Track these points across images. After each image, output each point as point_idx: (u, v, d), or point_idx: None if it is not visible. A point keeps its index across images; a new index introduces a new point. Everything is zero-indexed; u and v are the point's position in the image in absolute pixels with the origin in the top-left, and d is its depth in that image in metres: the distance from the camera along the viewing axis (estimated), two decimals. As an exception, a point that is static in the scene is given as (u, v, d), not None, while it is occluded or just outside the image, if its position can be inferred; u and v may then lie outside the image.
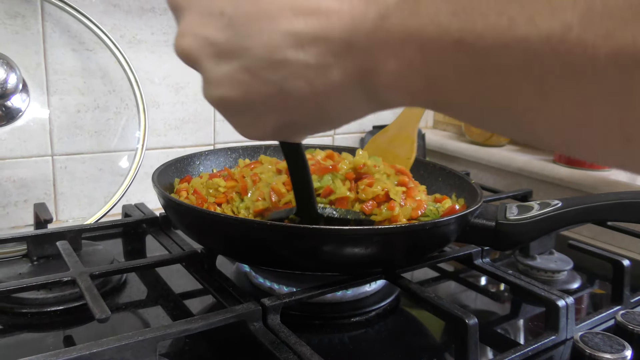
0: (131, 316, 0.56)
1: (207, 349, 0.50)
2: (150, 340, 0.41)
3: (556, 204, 0.55)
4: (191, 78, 0.92)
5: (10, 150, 0.77)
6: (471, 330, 0.45)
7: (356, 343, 0.53)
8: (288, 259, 0.50)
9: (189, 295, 0.61)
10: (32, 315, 0.54)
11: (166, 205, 0.56)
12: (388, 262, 0.54)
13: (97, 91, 0.83)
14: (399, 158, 0.70)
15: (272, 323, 0.47)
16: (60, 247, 0.58)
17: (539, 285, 0.57)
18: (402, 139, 0.71)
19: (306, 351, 0.43)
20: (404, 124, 0.72)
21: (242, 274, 0.63)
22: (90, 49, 0.81)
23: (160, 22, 0.87)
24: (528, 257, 0.69)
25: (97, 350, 0.39)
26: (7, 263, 0.61)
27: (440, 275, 0.70)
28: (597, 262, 0.68)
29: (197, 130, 0.95)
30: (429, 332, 0.57)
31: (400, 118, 0.74)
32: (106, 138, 0.85)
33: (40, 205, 0.70)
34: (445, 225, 0.51)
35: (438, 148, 1.23)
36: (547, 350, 0.52)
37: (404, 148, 0.71)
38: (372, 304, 0.59)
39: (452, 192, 0.67)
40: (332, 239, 0.47)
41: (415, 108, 0.69)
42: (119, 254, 0.71)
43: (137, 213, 0.74)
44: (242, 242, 0.50)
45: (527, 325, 0.59)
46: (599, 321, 0.57)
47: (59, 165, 0.82)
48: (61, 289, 0.56)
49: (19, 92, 0.73)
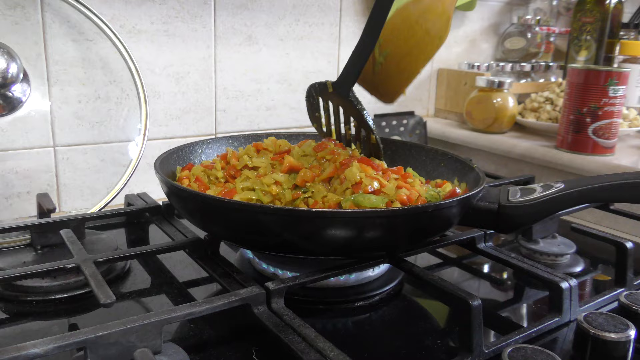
0: (135, 304, 0.56)
1: (212, 335, 0.50)
2: (155, 323, 0.41)
3: (559, 186, 0.55)
4: (192, 68, 0.92)
5: (12, 142, 0.77)
6: (475, 311, 0.45)
7: (360, 327, 0.53)
8: (291, 243, 0.50)
9: (193, 283, 0.61)
10: (37, 303, 0.55)
11: (169, 192, 0.56)
12: (391, 245, 0.54)
13: (98, 81, 0.83)
14: (429, 35, 0.60)
15: (277, 307, 0.47)
16: (64, 236, 0.58)
17: (542, 267, 0.57)
18: (436, 12, 0.60)
19: (310, 333, 0.43)
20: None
21: (246, 261, 0.63)
22: (90, 39, 0.81)
23: (160, 12, 0.87)
24: (531, 241, 0.69)
25: (103, 333, 0.39)
26: (11, 252, 0.62)
27: (443, 262, 0.70)
28: (600, 246, 0.68)
29: (198, 120, 0.95)
30: (433, 317, 0.57)
31: None
32: (107, 128, 0.85)
33: (43, 195, 0.70)
34: (447, 208, 0.51)
35: (440, 136, 1.23)
36: (551, 332, 0.52)
37: (437, 24, 0.60)
38: (376, 289, 0.59)
39: (454, 177, 0.67)
40: (334, 221, 0.47)
41: None
42: (123, 244, 0.71)
43: (140, 202, 0.75)
44: (245, 226, 0.50)
45: (530, 309, 0.59)
46: (602, 303, 0.57)
47: (61, 156, 0.82)
48: (65, 276, 0.56)
49: (19, 82, 0.73)
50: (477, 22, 1.36)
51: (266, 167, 0.60)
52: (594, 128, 1.00)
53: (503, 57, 1.41)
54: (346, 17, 1.10)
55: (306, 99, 0.69)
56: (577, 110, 1.02)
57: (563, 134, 1.05)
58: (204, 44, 0.93)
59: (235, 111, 1.00)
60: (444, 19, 0.60)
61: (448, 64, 1.32)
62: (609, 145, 1.01)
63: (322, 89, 0.66)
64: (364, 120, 0.64)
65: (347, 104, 0.64)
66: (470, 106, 1.20)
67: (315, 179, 0.57)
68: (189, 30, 0.91)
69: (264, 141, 0.66)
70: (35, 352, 0.37)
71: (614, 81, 0.98)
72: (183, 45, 0.91)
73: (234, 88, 0.98)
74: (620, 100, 1.00)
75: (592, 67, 1.09)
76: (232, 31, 0.96)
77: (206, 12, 0.92)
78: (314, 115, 0.70)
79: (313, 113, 0.70)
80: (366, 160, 0.59)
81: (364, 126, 0.65)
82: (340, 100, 0.65)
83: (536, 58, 1.42)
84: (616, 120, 1.01)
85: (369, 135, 0.65)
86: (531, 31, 1.38)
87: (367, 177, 0.55)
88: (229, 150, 0.66)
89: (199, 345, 0.48)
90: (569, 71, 1.04)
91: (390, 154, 0.76)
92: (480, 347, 0.46)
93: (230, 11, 0.95)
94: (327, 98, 0.67)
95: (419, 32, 0.60)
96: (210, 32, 0.93)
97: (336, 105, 0.67)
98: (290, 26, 1.02)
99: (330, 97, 0.66)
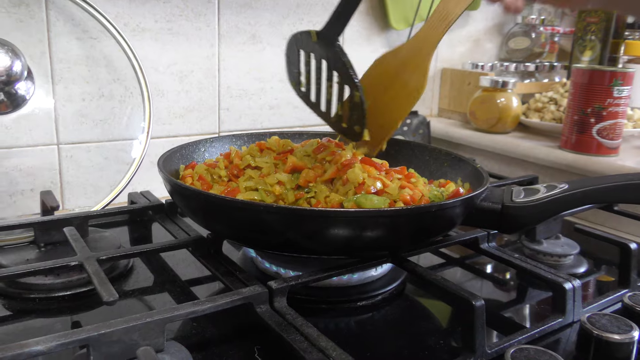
0: (138, 302, 0.56)
1: (214, 333, 0.50)
2: (158, 322, 0.41)
3: (563, 186, 0.55)
4: (195, 66, 0.92)
5: (16, 139, 0.78)
6: (478, 311, 0.45)
7: (362, 327, 0.53)
8: (294, 242, 0.50)
9: (196, 282, 0.61)
10: (40, 301, 0.55)
11: (172, 190, 0.56)
12: (394, 244, 0.54)
13: (102, 80, 0.83)
14: (407, 88, 0.61)
15: (279, 305, 0.47)
16: (67, 233, 0.58)
17: (545, 268, 0.56)
18: (413, 65, 0.61)
19: (313, 332, 0.43)
20: (418, 47, 0.61)
21: (249, 260, 0.63)
22: (94, 37, 0.81)
23: (164, 10, 0.87)
24: (534, 241, 0.69)
25: (106, 331, 0.39)
26: (14, 249, 0.62)
27: (446, 262, 0.70)
28: (603, 247, 0.68)
29: (201, 118, 0.95)
30: (435, 317, 0.57)
31: (415, 40, 0.62)
32: (111, 127, 0.85)
33: (47, 193, 0.70)
34: (451, 208, 0.51)
35: (443, 136, 1.23)
36: (554, 332, 0.52)
37: (415, 77, 0.61)
38: (378, 289, 0.59)
39: (458, 177, 0.67)
40: (337, 221, 0.47)
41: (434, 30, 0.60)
42: (126, 242, 0.71)
43: (143, 200, 0.75)
44: (248, 225, 0.50)
45: (533, 310, 0.59)
46: (606, 304, 0.57)
47: (65, 154, 0.83)
48: (68, 274, 0.56)
49: (23, 79, 0.73)
50: (481, 22, 1.35)
51: (269, 167, 0.60)
52: (598, 128, 1.00)
53: (507, 57, 1.41)
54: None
55: (285, 53, 0.63)
56: (582, 111, 1.01)
57: (567, 134, 1.04)
58: (207, 42, 0.93)
59: (238, 110, 1.00)
60: (421, 71, 0.60)
61: (452, 63, 1.32)
62: (613, 145, 1.01)
63: (305, 39, 0.60)
64: (348, 75, 0.57)
65: (332, 55, 0.58)
66: (473, 106, 1.20)
67: (318, 179, 0.57)
68: (193, 28, 0.91)
69: (267, 140, 0.66)
70: (38, 350, 0.37)
71: (618, 81, 0.98)
72: (187, 44, 0.91)
73: (237, 87, 0.98)
74: (625, 101, 1.00)
75: (596, 67, 1.09)
76: (236, 30, 0.96)
77: (210, 10, 0.92)
78: (293, 72, 0.63)
79: (292, 70, 0.63)
80: (369, 161, 0.59)
81: (348, 81, 0.58)
82: (325, 51, 0.59)
83: (540, 58, 1.42)
84: (620, 121, 1.00)
85: (353, 93, 0.58)
86: (535, 31, 1.38)
87: (369, 178, 0.55)
88: (232, 149, 0.66)
89: (202, 344, 0.48)
90: (573, 71, 1.04)
91: (393, 154, 0.75)
92: (482, 347, 0.45)
93: (234, 10, 0.95)
94: (310, 50, 0.60)
95: (396, 84, 0.61)
96: (214, 30, 0.93)
97: (319, 58, 0.60)
98: (294, 25, 1.02)
99: (314, 49, 0.60)
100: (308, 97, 0.63)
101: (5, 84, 0.71)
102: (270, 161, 0.61)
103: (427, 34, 0.61)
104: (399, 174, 0.60)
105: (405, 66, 0.61)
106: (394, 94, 0.61)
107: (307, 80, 0.62)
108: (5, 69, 0.70)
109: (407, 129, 1.19)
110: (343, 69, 0.57)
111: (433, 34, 0.60)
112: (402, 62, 0.62)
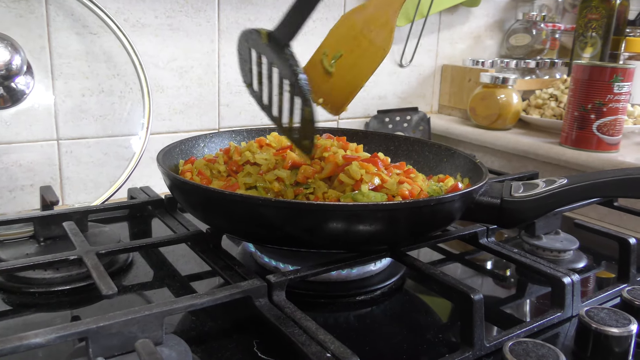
0: (137, 297, 0.57)
1: (213, 327, 0.50)
2: (156, 314, 0.41)
3: (562, 181, 0.54)
4: (195, 62, 0.92)
5: (16, 134, 0.78)
6: (476, 305, 0.45)
7: (361, 321, 0.53)
8: (293, 236, 0.50)
9: (195, 277, 0.61)
10: (40, 295, 0.55)
11: (172, 184, 0.56)
12: (393, 239, 0.54)
13: (102, 75, 0.83)
14: (373, 45, 0.59)
15: (278, 299, 0.47)
16: (67, 228, 0.58)
17: (544, 263, 0.56)
18: (379, 22, 0.59)
19: (311, 326, 0.43)
20: (385, 4, 0.59)
21: (248, 254, 0.63)
22: (94, 32, 0.81)
23: (164, 6, 0.87)
24: (534, 237, 0.69)
25: (105, 324, 0.39)
26: (14, 244, 0.62)
27: (445, 257, 0.70)
28: (603, 242, 0.68)
29: (201, 114, 0.95)
30: (434, 312, 0.57)
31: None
32: (111, 122, 0.85)
33: (47, 188, 0.70)
34: (450, 202, 0.51)
35: (443, 132, 1.23)
36: (553, 327, 0.52)
37: (381, 35, 0.59)
38: (378, 283, 0.59)
39: (457, 173, 0.67)
40: (335, 215, 0.47)
41: None
42: (125, 237, 0.71)
43: (143, 195, 0.75)
44: (248, 219, 0.50)
45: (533, 305, 0.59)
46: (605, 298, 0.57)
47: (65, 150, 0.83)
48: (68, 268, 0.56)
49: (23, 74, 0.73)
50: (482, 19, 1.35)
51: (268, 163, 0.60)
52: (598, 124, 1.00)
53: (508, 54, 1.41)
54: (350, 12, 1.09)
55: (237, 49, 0.59)
56: (582, 107, 1.01)
57: (567, 130, 1.04)
58: (208, 38, 0.93)
59: (238, 106, 1.00)
60: (388, 29, 0.59)
61: (452, 60, 1.32)
62: (614, 142, 1.01)
63: (256, 38, 0.56)
64: (299, 87, 0.52)
65: (282, 63, 0.54)
66: (474, 102, 1.20)
67: (316, 176, 0.57)
68: (193, 24, 0.91)
69: (267, 137, 0.66)
70: (37, 342, 0.37)
71: (618, 78, 0.97)
72: (187, 40, 0.91)
73: (237, 83, 0.98)
74: (625, 97, 0.99)
75: (597, 63, 1.08)
76: (236, 26, 0.95)
77: (210, 6, 0.92)
78: (245, 70, 0.59)
79: (244, 68, 0.59)
80: (367, 159, 0.59)
81: (298, 94, 0.53)
82: (275, 56, 0.54)
83: (541, 55, 1.41)
84: (621, 117, 1.00)
85: (304, 108, 0.53)
86: (536, 28, 1.37)
87: (367, 174, 0.55)
88: (232, 145, 0.66)
89: (201, 337, 0.48)
90: (573, 67, 1.04)
91: (393, 150, 0.76)
92: (481, 341, 0.46)
93: (234, 6, 0.95)
94: (260, 51, 0.56)
95: (363, 42, 0.60)
96: (214, 26, 0.93)
97: (270, 62, 0.56)
98: (294, 21, 1.02)
99: (264, 51, 0.55)
100: (260, 99, 0.60)
101: (5, 79, 0.71)
102: (269, 157, 0.60)
103: None
104: (398, 169, 0.60)
105: (371, 24, 0.60)
106: (360, 53, 0.60)
107: (259, 81, 0.58)
108: (4, 63, 0.70)
109: (407, 126, 1.19)
110: (293, 79, 0.53)
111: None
112: (368, 20, 0.60)
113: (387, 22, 0.59)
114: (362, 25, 0.60)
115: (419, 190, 0.56)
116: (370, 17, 0.60)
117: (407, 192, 0.54)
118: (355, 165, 0.55)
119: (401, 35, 1.19)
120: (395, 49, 1.20)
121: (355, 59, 0.60)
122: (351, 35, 0.60)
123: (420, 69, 1.26)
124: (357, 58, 0.60)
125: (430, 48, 1.27)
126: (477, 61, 1.28)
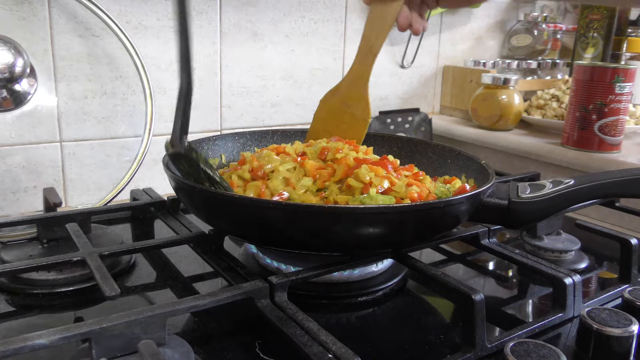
0: (140, 298, 0.57)
1: (215, 328, 0.50)
2: (159, 315, 0.41)
3: (568, 181, 0.54)
4: (197, 64, 0.93)
5: (19, 136, 0.78)
6: (478, 306, 0.45)
7: (363, 322, 0.53)
8: (297, 239, 0.50)
9: (197, 278, 0.62)
10: (43, 296, 0.55)
11: (177, 187, 0.56)
12: (399, 241, 0.54)
13: (104, 77, 0.84)
14: (356, 119, 0.69)
15: (280, 300, 0.48)
16: (70, 229, 0.58)
17: (546, 264, 0.57)
18: (355, 98, 0.69)
19: (313, 327, 0.43)
20: (354, 82, 0.69)
21: (250, 256, 0.64)
22: (96, 35, 0.82)
23: (166, 8, 0.87)
24: (535, 237, 0.69)
25: (107, 325, 0.39)
26: (17, 245, 0.62)
27: (447, 258, 0.70)
28: (604, 242, 0.68)
29: (203, 116, 0.96)
30: (436, 312, 0.57)
31: (349, 76, 0.70)
32: (113, 124, 0.85)
33: (50, 190, 0.70)
34: (458, 204, 0.51)
35: (445, 133, 1.23)
36: (554, 327, 0.52)
37: (360, 108, 0.69)
38: (379, 284, 0.59)
39: (462, 174, 0.67)
40: (342, 218, 0.47)
41: (363, 65, 0.68)
42: (128, 238, 0.72)
43: (145, 197, 0.75)
44: (253, 221, 0.50)
45: (534, 305, 0.59)
46: (606, 299, 0.57)
47: (67, 152, 0.83)
48: (71, 270, 0.56)
49: (26, 77, 0.74)
50: (484, 19, 1.35)
51: (294, 175, 0.58)
52: (600, 125, 1.00)
53: (509, 54, 1.41)
54: (352, 14, 1.10)
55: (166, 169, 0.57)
56: (583, 107, 1.01)
57: (569, 131, 1.04)
58: (209, 40, 0.93)
59: (240, 107, 1.00)
60: (363, 102, 0.69)
61: (454, 61, 1.32)
62: (615, 142, 1.01)
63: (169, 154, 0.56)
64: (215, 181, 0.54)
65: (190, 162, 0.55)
66: (475, 103, 1.20)
67: (331, 179, 0.57)
68: (195, 26, 0.91)
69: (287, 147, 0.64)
70: (40, 343, 0.37)
71: (620, 78, 0.97)
72: (189, 42, 0.91)
73: (239, 84, 0.99)
74: (627, 97, 0.99)
75: (598, 63, 1.08)
76: (238, 28, 0.96)
77: (212, 8, 0.92)
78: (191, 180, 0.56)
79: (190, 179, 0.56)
80: (376, 162, 0.59)
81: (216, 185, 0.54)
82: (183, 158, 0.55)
83: (542, 55, 1.41)
84: (622, 118, 1.00)
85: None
86: (538, 28, 1.37)
87: (377, 177, 0.55)
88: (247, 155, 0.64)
89: (203, 338, 0.48)
90: (575, 68, 1.04)
91: (396, 151, 0.75)
92: (482, 341, 0.46)
93: (236, 7, 0.95)
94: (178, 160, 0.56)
95: (346, 117, 0.69)
96: (215, 28, 0.93)
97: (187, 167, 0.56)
98: (296, 23, 1.03)
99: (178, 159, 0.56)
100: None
101: (8, 81, 0.71)
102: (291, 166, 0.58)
103: (359, 68, 0.68)
104: (407, 171, 0.60)
105: (348, 101, 0.70)
106: (347, 126, 0.69)
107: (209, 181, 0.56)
108: (7, 66, 0.70)
109: (409, 127, 1.19)
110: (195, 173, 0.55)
111: (364, 68, 0.68)
112: (344, 98, 0.70)
113: (360, 96, 0.69)
114: (340, 105, 0.70)
115: (427, 193, 0.56)
116: (346, 95, 0.70)
117: (416, 195, 0.54)
118: (364, 169, 0.56)
119: (403, 37, 1.19)
120: (397, 50, 1.20)
121: (345, 129, 0.69)
122: (333, 114, 0.70)
123: (421, 70, 1.26)
124: (347, 128, 0.70)
125: (432, 49, 1.27)
126: (479, 62, 1.28)
